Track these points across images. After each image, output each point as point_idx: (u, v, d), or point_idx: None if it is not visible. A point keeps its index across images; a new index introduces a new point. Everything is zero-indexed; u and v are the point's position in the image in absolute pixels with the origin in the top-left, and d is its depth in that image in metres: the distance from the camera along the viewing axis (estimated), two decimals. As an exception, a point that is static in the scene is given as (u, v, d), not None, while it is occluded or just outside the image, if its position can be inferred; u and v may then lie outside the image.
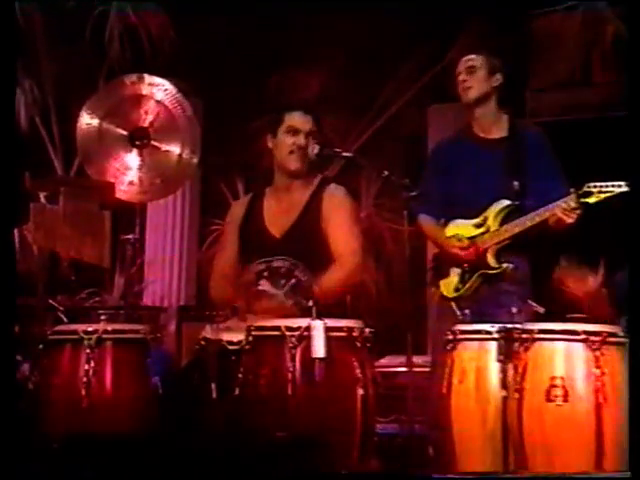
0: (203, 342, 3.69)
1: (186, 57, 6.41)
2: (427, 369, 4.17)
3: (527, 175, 4.22)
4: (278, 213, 4.13)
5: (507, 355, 3.63)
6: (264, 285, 3.97)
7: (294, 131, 4.11)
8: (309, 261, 3.96)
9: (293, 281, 3.94)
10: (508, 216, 4.24)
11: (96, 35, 6.45)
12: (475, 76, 4.34)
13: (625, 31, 5.38)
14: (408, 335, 3.72)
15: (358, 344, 3.59)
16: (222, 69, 6.68)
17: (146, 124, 4.58)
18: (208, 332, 3.65)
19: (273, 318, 3.67)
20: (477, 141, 4.38)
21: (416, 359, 3.86)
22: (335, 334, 3.54)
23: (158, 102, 4.61)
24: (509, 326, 3.69)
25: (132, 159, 4.59)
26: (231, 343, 3.61)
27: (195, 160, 4.62)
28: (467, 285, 4.28)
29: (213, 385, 3.54)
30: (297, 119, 4.10)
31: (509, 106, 4.43)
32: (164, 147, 4.59)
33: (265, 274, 3.97)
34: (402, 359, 4.18)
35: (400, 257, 5.35)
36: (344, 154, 4.29)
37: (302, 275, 3.95)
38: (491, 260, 4.26)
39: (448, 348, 3.78)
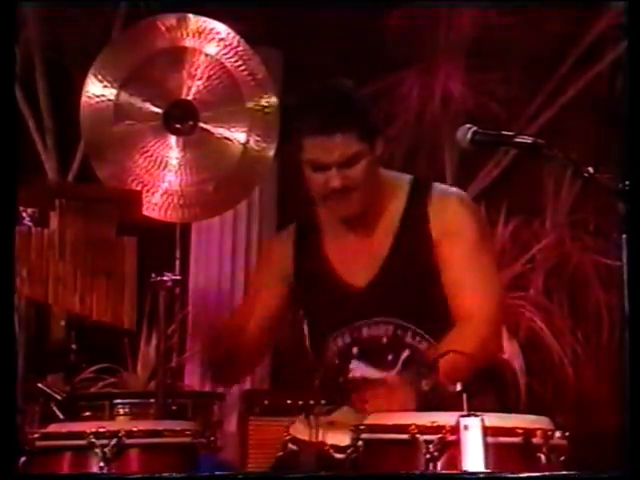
0: (292, 445, 3.27)
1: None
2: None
3: None
4: (355, 248, 3.61)
5: None
6: (358, 369, 3.54)
7: (319, 166, 3.50)
8: (419, 318, 3.49)
9: (406, 353, 3.49)
10: None
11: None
12: None
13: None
14: (625, 448, 2.98)
15: (542, 456, 3.00)
16: (313, 3, 5.82)
17: (191, 96, 4.28)
18: (300, 430, 3.23)
19: (392, 409, 3.22)
20: None
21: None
22: (501, 439, 3.01)
23: (211, 59, 4.27)
24: None
25: (169, 152, 4.27)
26: (340, 450, 3.13)
27: (269, 153, 4.28)
28: None
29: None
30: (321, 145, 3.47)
31: None
32: (220, 132, 4.29)
33: (354, 351, 3.55)
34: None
35: (616, 313, 5.17)
36: (518, 139, 3.37)
37: (417, 342, 3.48)
38: None
39: None
